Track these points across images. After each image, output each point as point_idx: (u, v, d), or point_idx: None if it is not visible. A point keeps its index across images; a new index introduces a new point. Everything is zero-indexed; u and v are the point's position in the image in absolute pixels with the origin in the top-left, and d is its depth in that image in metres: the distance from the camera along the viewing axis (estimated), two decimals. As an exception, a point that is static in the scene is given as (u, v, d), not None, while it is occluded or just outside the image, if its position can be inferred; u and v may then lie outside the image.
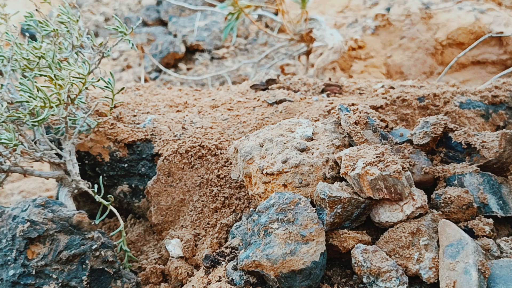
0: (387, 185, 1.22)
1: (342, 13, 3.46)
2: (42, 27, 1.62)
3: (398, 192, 1.23)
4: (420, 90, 1.87)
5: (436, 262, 1.18)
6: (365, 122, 1.40)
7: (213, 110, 1.92)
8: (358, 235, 1.25)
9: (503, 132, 1.35)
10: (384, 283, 1.17)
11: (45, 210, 1.40)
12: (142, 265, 1.61)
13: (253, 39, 4.05)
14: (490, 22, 2.84)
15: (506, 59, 2.81)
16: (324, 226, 1.23)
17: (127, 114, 1.83)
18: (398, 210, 1.25)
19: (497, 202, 1.31)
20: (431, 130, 1.40)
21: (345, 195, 1.23)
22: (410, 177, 1.27)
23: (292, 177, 1.33)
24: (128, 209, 1.82)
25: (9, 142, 1.43)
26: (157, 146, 1.71)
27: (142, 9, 4.60)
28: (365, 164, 1.24)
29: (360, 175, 1.23)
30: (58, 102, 1.45)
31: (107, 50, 1.62)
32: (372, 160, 1.25)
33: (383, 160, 1.25)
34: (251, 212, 1.41)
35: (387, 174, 1.22)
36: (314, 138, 1.43)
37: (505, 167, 1.37)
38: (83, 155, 1.74)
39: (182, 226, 1.62)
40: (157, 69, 3.86)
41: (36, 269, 1.35)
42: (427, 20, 3.01)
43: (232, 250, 1.38)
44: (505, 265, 1.15)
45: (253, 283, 1.23)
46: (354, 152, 1.30)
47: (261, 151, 1.41)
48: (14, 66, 1.59)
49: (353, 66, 3.07)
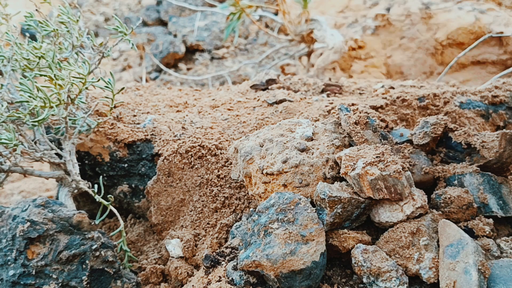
0: (387, 185, 1.22)
1: (342, 13, 3.46)
2: (42, 27, 1.62)
3: (398, 192, 1.23)
4: (420, 90, 1.87)
5: (436, 262, 1.18)
6: (365, 122, 1.40)
7: (213, 110, 1.92)
8: (358, 235, 1.25)
9: (503, 132, 1.35)
10: (384, 283, 1.17)
11: (45, 210, 1.40)
12: (142, 265, 1.61)
13: (253, 39, 4.05)
14: (490, 22, 2.84)
15: (506, 59, 2.80)
16: (324, 226, 1.23)
17: (127, 114, 1.83)
18: (398, 210, 1.25)
19: (497, 202, 1.31)
20: (431, 130, 1.40)
21: (345, 195, 1.23)
22: (410, 177, 1.27)
23: (292, 177, 1.32)
24: (128, 209, 1.82)
25: (9, 142, 1.43)
26: (157, 146, 1.71)
27: (142, 9, 4.60)
28: (365, 164, 1.24)
29: (360, 175, 1.23)
30: (58, 102, 1.45)
31: (107, 50, 1.62)
32: (372, 160, 1.25)
33: (383, 160, 1.25)
34: (251, 212, 1.40)
35: (387, 174, 1.22)
36: (314, 138, 1.43)
37: (505, 167, 1.37)
38: (83, 155, 1.74)
39: (182, 226, 1.62)
40: (157, 69, 3.86)
41: (36, 269, 1.35)
42: (427, 20, 3.01)
43: (232, 250, 1.38)
44: (505, 265, 1.14)
45: (253, 283, 1.23)
46: (354, 152, 1.30)
47: (261, 151, 1.41)
48: (14, 66, 1.59)
49: (353, 66, 3.07)
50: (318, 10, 3.56)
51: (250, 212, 1.42)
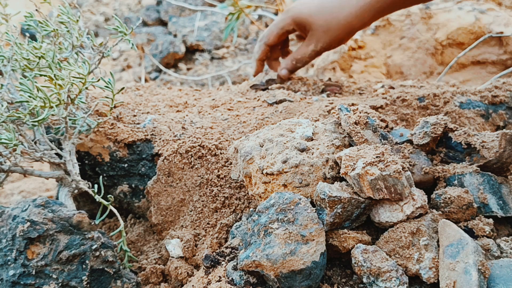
0: (387, 185, 1.22)
1: (342, 13, 3.45)
2: (42, 27, 1.62)
3: (398, 192, 1.23)
4: (420, 90, 1.87)
5: (436, 262, 1.18)
6: (365, 122, 1.40)
7: (213, 110, 1.92)
8: (358, 235, 1.25)
9: (503, 132, 1.34)
10: (384, 283, 1.17)
11: (45, 210, 1.40)
12: (142, 265, 1.61)
13: (253, 39, 4.05)
14: (490, 22, 2.84)
15: (506, 59, 2.80)
16: (324, 226, 1.23)
17: (127, 114, 1.83)
18: (398, 210, 1.25)
19: (497, 202, 1.31)
20: (431, 130, 1.40)
21: (345, 195, 1.23)
22: (410, 177, 1.27)
23: (292, 177, 1.32)
24: (128, 209, 1.82)
25: (9, 142, 1.43)
26: (157, 146, 1.71)
27: (142, 9, 4.60)
28: (365, 164, 1.24)
29: (360, 175, 1.23)
30: (58, 102, 1.45)
31: (107, 50, 1.62)
32: (372, 160, 1.24)
33: (383, 160, 1.25)
34: (251, 212, 1.40)
35: (387, 174, 1.22)
36: (314, 138, 1.43)
37: (505, 167, 1.37)
38: (83, 155, 1.74)
39: (182, 226, 1.62)
40: (157, 69, 3.86)
41: (36, 269, 1.35)
42: (427, 20, 3.01)
43: (232, 250, 1.38)
44: (505, 265, 1.14)
45: (253, 283, 1.23)
46: (354, 152, 1.30)
47: (261, 151, 1.41)
48: (14, 66, 1.59)
49: (353, 66, 3.07)
50: (318, 10, 3.56)
51: (250, 212, 1.42)
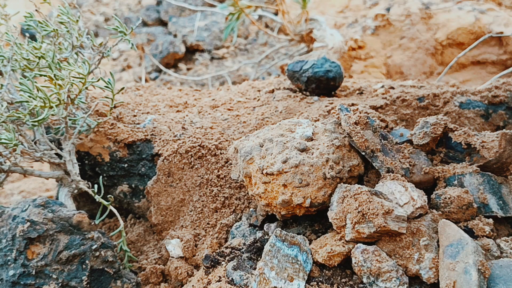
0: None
1: (342, 13, 3.46)
2: (42, 27, 1.62)
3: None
4: (420, 90, 1.87)
5: (436, 262, 1.18)
6: (365, 122, 1.40)
7: (213, 110, 1.92)
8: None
9: (503, 132, 1.35)
10: (384, 283, 1.17)
11: (45, 210, 1.40)
12: (142, 265, 1.61)
13: (253, 39, 4.05)
14: (490, 22, 2.84)
15: (506, 59, 2.80)
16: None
17: (127, 114, 1.83)
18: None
19: (497, 202, 1.31)
20: (431, 130, 1.40)
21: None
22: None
23: (292, 177, 1.32)
24: (128, 209, 1.82)
25: (9, 142, 1.43)
26: (157, 146, 1.71)
27: (142, 9, 4.60)
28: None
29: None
30: (58, 102, 1.45)
31: (107, 50, 1.62)
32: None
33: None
34: (251, 212, 1.41)
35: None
36: (314, 138, 1.43)
37: (505, 167, 1.37)
38: (83, 155, 1.74)
39: (182, 226, 1.62)
40: (157, 69, 3.86)
41: (36, 269, 1.35)
42: (427, 20, 3.01)
43: (232, 250, 1.38)
44: (505, 265, 1.14)
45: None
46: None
47: (261, 151, 1.41)
48: (14, 66, 1.59)
49: (353, 66, 3.07)
50: (318, 10, 3.57)
51: (250, 212, 1.42)
